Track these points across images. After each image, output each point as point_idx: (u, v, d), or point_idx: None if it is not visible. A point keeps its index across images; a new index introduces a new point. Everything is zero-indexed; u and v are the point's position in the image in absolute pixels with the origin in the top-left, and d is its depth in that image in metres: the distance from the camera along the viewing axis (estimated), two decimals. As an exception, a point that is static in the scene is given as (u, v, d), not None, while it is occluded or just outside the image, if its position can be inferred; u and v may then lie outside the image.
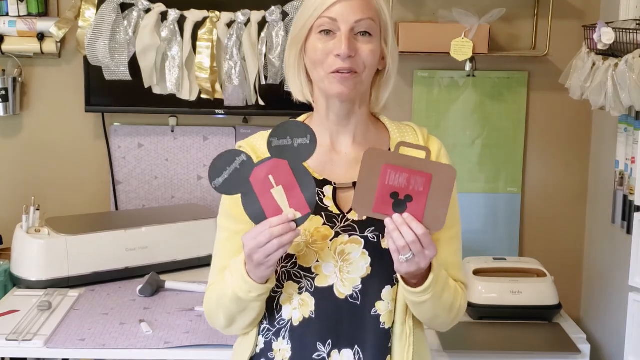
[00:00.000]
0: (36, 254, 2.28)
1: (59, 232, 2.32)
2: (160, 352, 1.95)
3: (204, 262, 2.49)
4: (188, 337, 2.00)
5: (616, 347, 2.47)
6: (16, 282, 2.31)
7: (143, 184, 2.75)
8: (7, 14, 2.55)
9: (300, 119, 1.58)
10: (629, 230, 2.33)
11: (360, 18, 1.43)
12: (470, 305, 2.28)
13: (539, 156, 2.76)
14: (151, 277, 2.31)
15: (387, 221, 1.35)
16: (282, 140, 1.39)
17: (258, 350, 1.51)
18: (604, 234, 2.60)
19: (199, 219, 2.52)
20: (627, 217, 2.37)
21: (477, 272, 2.34)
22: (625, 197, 2.39)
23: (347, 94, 1.46)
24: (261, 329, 1.51)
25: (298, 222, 1.38)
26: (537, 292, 2.29)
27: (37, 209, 2.38)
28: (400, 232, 1.34)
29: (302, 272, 1.47)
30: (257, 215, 1.39)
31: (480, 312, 2.28)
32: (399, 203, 1.35)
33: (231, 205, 1.48)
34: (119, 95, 2.63)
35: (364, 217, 1.44)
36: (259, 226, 1.37)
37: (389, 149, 1.53)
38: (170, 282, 2.34)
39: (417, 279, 1.42)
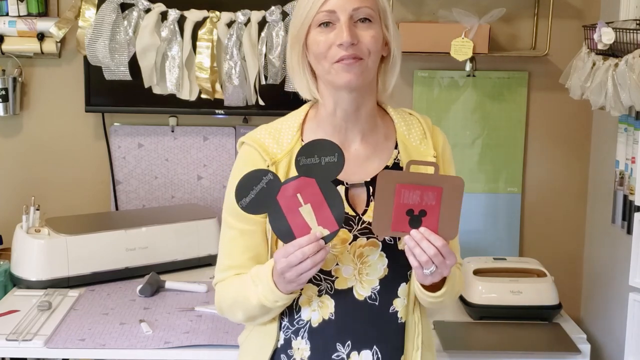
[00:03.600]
0: (36, 254, 2.29)
1: (59, 232, 2.32)
2: (160, 352, 1.95)
3: (204, 262, 2.50)
4: (188, 337, 2.00)
5: (616, 347, 2.47)
6: (16, 282, 2.32)
7: (143, 184, 2.75)
8: (7, 14, 2.55)
9: (302, 109, 1.57)
10: (629, 230, 2.33)
11: (358, 6, 1.44)
12: (470, 305, 2.28)
13: (539, 156, 2.76)
14: (151, 277, 2.31)
15: (406, 239, 1.39)
16: (310, 159, 1.40)
17: (279, 346, 1.53)
18: (604, 234, 2.60)
19: (199, 219, 2.52)
20: (627, 217, 2.37)
21: (477, 272, 2.34)
22: (625, 197, 2.39)
23: (355, 81, 1.45)
24: (282, 325, 1.53)
25: (326, 239, 1.40)
26: (537, 292, 2.28)
27: (37, 209, 2.38)
28: (421, 248, 1.37)
29: (322, 275, 1.49)
30: (285, 233, 1.41)
31: (480, 312, 2.28)
32: (415, 219, 1.39)
33: None
34: (119, 95, 2.63)
35: (363, 240, 1.48)
36: (289, 246, 1.39)
37: (396, 144, 1.55)
38: (170, 282, 2.34)
39: (433, 282, 1.45)
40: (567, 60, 2.38)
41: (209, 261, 2.47)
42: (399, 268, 1.48)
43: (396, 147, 1.55)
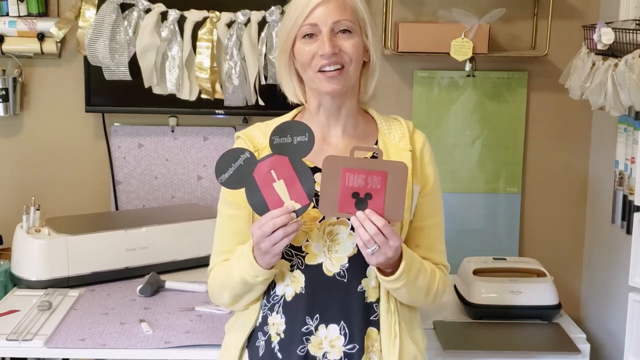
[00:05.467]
0: (36, 254, 2.28)
1: (59, 232, 2.32)
2: (160, 352, 1.95)
3: (203, 262, 2.48)
4: (188, 337, 2.00)
5: (616, 347, 2.47)
6: (16, 282, 2.31)
7: (143, 184, 2.75)
8: (7, 14, 2.55)
9: (291, 114, 1.69)
10: (629, 230, 2.34)
11: (338, 19, 1.55)
12: (470, 305, 2.28)
13: (539, 156, 2.76)
14: (151, 277, 2.31)
15: (352, 219, 1.47)
16: (283, 139, 1.50)
17: (257, 324, 1.63)
18: (604, 234, 2.61)
19: (199, 219, 2.52)
20: (627, 217, 2.37)
21: (477, 272, 2.34)
22: (625, 197, 2.39)
23: (339, 90, 1.57)
24: (261, 304, 1.62)
25: (298, 213, 1.49)
26: (537, 292, 2.28)
27: (37, 209, 2.38)
28: (364, 227, 1.45)
29: (293, 251, 1.58)
30: (260, 207, 1.51)
31: (480, 312, 2.28)
32: (360, 201, 1.47)
33: (229, 191, 1.58)
34: (119, 95, 2.63)
35: (333, 219, 1.56)
36: (263, 217, 1.49)
37: (376, 141, 1.65)
38: (170, 282, 2.34)
39: (392, 267, 1.53)
40: (566, 60, 2.38)
41: (208, 261, 2.47)
42: None
43: (376, 143, 1.65)
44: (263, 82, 2.47)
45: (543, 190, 2.78)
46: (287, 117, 1.68)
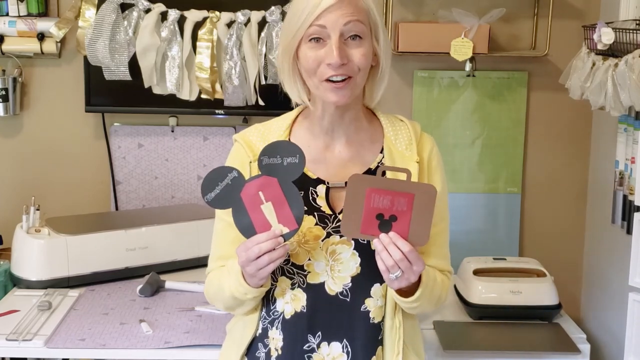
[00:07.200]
0: (36, 254, 2.28)
1: (59, 232, 2.32)
2: (160, 352, 1.95)
3: (203, 262, 2.46)
4: (188, 337, 2.00)
5: (616, 347, 2.47)
6: (16, 282, 2.32)
7: (143, 184, 2.75)
8: (7, 14, 2.55)
9: (294, 112, 1.63)
10: (629, 230, 2.34)
11: (349, 20, 1.45)
12: (470, 305, 2.28)
13: (539, 156, 2.76)
14: (151, 277, 2.31)
15: (375, 242, 1.41)
16: (273, 159, 1.45)
17: (257, 334, 1.59)
18: (604, 234, 2.60)
19: (199, 219, 2.52)
20: (627, 217, 2.37)
21: (477, 272, 2.34)
22: (625, 197, 2.39)
23: (344, 101, 1.49)
24: (260, 315, 1.59)
25: (286, 237, 1.44)
26: (537, 292, 2.29)
27: (37, 209, 2.38)
28: (388, 252, 1.39)
29: (294, 269, 1.53)
30: (246, 229, 1.46)
31: (480, 312, 2.28)
32: (385, 223, 1.41)
33: None
34: (119, 95, 2.63)
35: (336, 237, 1.51)
36: (249, 241, 1.44)
37: (382, 148, 1.58)
38: (170, 282, 2.34)
39: (409, 287, 1.47)
40: (567, 60, 2.38)
41: (208, 261, 2.47)
42: (372, 267, 1.49)
43: (382, 151, 1.58)
44: (263, 82, 2.47)
45: (543, 190, 2.78)
46: (289, 116, 1.62)
